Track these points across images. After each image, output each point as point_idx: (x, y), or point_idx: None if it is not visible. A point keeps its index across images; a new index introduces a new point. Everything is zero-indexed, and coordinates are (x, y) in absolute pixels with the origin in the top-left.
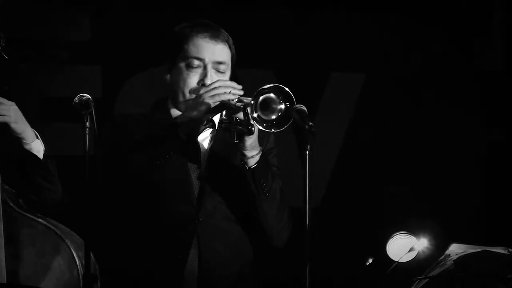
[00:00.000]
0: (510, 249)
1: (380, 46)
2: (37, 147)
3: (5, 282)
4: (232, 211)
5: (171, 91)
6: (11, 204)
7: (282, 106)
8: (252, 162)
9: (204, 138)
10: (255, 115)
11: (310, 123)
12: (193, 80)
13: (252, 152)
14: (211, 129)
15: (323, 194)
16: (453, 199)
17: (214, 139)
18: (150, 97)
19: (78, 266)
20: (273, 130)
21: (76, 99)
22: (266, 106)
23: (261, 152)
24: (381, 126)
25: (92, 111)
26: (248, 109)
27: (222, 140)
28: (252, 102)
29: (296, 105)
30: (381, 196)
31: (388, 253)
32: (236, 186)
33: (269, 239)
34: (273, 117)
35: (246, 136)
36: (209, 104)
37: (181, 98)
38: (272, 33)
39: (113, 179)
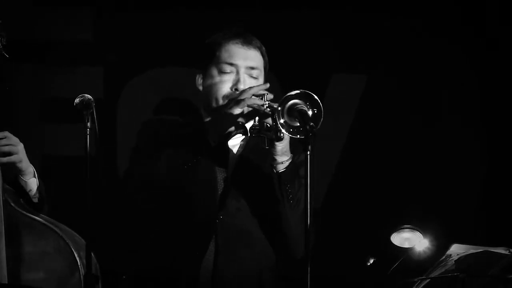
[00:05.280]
0: (511, 250)
1: (382, 47)
2: (31, 185)
3: (6, 282)
4: (255, 215)
5: (204, 98)
6: (12, 204)
7: (310, 112)
8: (281, 168)
9: (235, 145)
10: (281, 121)
11: (311, 124)
12: (226, 85)
13: (283, 158)
14: (242, 136)
15: (324, 194)
16: (454, 200)
17: (245, 146)
18: (153, 98)
19: (79, 267)
20: (298, 136)
21: (77, 100)
22: (293, 111)
23: (291, 159)
24: (383, 127)
25: (93, 111)
26: (276, 115)
27: (253, 146)
28: (279, 108)
29: (298, 106)
30: (382, 197)
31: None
32: (262, 191)
33: (290, 247)
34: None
35: (276, 142)
36: (238, 110)
37: (214, 104)
38: (274, 34)
39: (142, 178)
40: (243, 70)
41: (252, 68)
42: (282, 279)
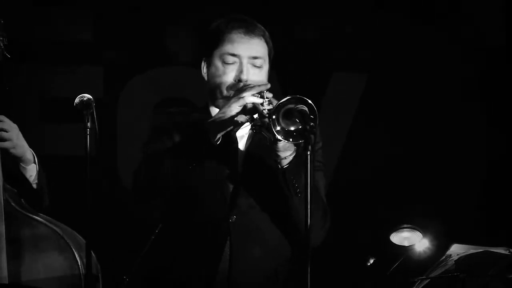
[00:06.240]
0: (511, 250)
1: (382, 45)
2: (31, 171)
3: (7, 282)
4: (267, 211)
5: (209, 89)
6: (13, 204)
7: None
8: (285, 163)
9: (243, 135)
10: (278, 128)
11: (311, 123)
12: (229, 76)
13: (286, 153)
14: (250, 125)
15: (324, 193)
16: (454, 200)
17: (252, 137)
18: (153, 98)
19: (80, 266)
20: (290, 140)
21: (77, 100)
22: (290, 115)
23: (295, 153)
24: (383, 125)
25: (93, 111)
26: (270, 121)
27: (258, 141)
28: (274, 116)
29: (298, 105)
30: (382, 197)
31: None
32: (271, 186)
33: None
34: (294, 127)
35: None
36: (238, 108)
37: (218, 95)
38: (275, 32)
39: (147, 178)
40: (246, 60)
41: (255, 57)
42: (297, 273)
